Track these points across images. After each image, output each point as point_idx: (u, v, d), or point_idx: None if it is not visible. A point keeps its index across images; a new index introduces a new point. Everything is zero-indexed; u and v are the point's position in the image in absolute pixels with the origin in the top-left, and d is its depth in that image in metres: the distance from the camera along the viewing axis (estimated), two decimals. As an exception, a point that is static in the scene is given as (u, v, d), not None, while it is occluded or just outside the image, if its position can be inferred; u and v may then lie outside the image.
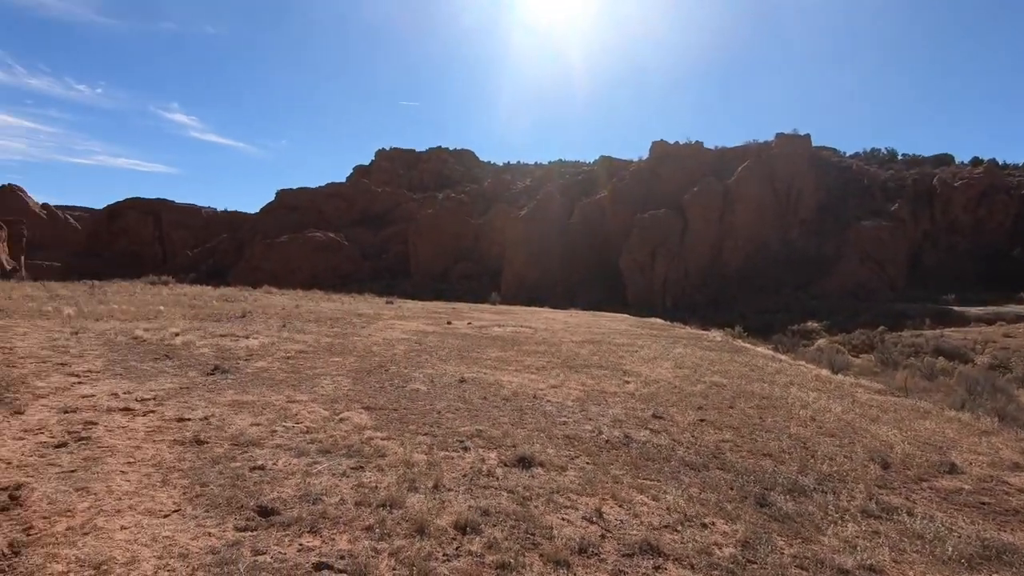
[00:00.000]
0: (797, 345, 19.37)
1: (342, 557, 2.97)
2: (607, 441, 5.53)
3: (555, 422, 6.14)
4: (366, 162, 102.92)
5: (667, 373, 9.88)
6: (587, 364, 10.37)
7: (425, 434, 5.31)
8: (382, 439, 5.04)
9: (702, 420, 6.73)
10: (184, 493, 3.64)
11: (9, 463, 3.97)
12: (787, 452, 5.72)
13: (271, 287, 35.56)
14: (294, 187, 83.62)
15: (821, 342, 28.17)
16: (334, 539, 3.16)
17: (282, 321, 15.06)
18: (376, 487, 3.89)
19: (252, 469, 4.11)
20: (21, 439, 4.50)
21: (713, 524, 3.88)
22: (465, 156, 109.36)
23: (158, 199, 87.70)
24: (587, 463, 4.85)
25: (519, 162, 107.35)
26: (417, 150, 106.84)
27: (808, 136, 60.95)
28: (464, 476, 4.27)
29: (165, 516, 3.30)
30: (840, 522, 4.13)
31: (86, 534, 3.02)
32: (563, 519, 3.69)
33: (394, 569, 2.92)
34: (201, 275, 56.30)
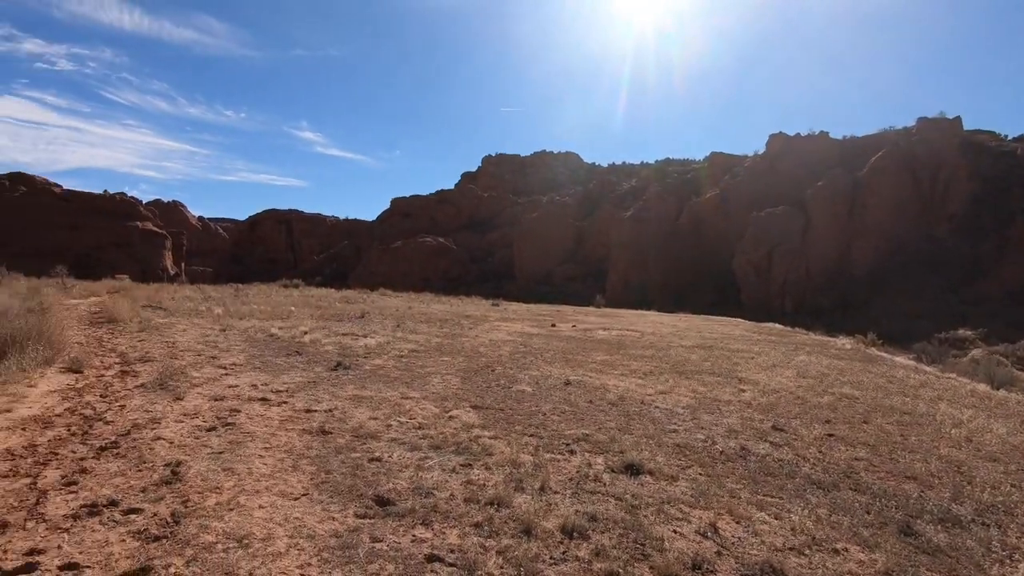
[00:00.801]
0: (945, 355, 17.06)
1: (452, 551, 3.05)
2: (721, 452, 5.22)
3: (664, 429, 5.90)
4: (473, 168, 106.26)
5: (788, 382, 9.15)
6: (698, 370, 9.88)
7: (531, 435, 5.33)
8: (489, 438, 5.13)
9: (830, 435, 6.14)
10: (311, 479, 3.94)
11: (171, 442, 4.54)
12: (936, 476, 5.05)
13: (386, 289, 37.82)
14: (407, 195, 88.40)
15: (976, 353, 24.65)
16: (444, 533, 3.26)
17: (396, 322, 15.91)
18: (484, 485, 3.97)
19: (370, 460, 4.36)
20: (180, 422, 5.13)
21: (846, 551, 3.51)
22: (570, 159, 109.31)
23: (290, 210, 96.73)
24: (700, 474, 4.60)
25: (624, 163, 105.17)
26: (522, 155, 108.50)
27: (958, 119, 53.67)
28: (570, 480, 4.23)
29: (295, 499, 3.59)
30: (1008, 561, 3.56)
31: (231, 510, 3.36)
32: (675, 531, 3.52)
33: (502, 568, 2.95)
34: (325, 278, 61.28)
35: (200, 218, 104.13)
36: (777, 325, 22.72)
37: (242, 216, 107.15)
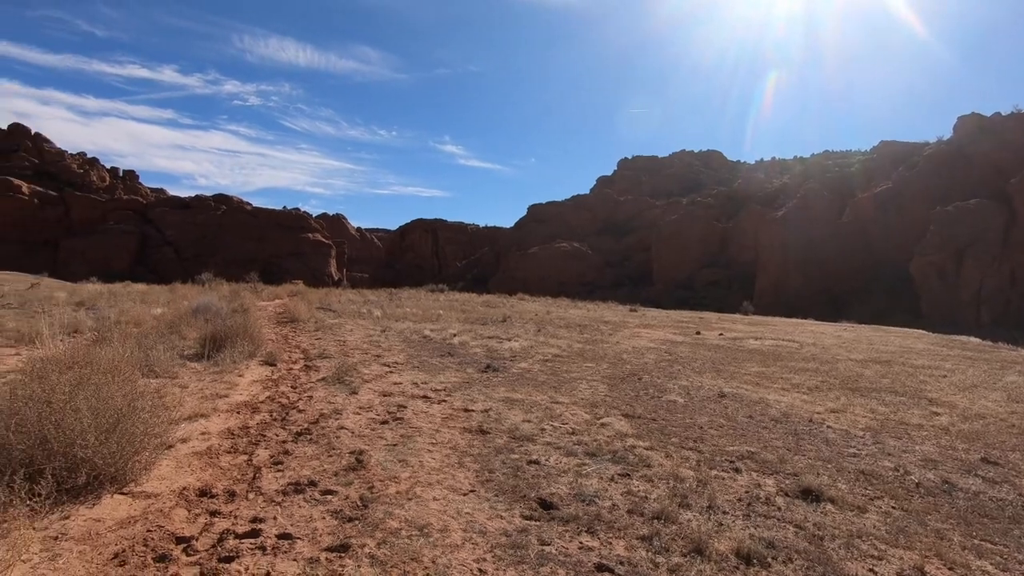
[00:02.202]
0: None
1: (621, 563, 2.99)
2: (918, 484, 4.55)
3: (842, 453, 5.30)
4: (609, 172, 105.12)
5: (996, 407, 7.75)
6: (875, 388, 8.76)
7: (689, 449, 5.09)
8: (645, 448, 4.99)
9: (1066, 474, 5.07)
10: (476, 476, 4.13)
11: (353, 432, 5.03)
12: None
13: (524, 294, 38.77)
14: (543, 201, 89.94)
15: None
16: (611, 543, 3.21)
17: (536, 326, 16.20)
18: (646, 497, 3.86)
19: (528, 463, 4.46)
20: (358, 414, 5.67)
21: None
22: (711, 157, 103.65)
23: (435, 219, 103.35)
24: (893, 507, 4.05)
25: (774, 158, 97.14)
26: (659, 156, 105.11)
27: None
28: (739, 500, 3.96)
29: (464, 494, 3.78)
30: None
31: (409, 499, 3.63)
32: (871, 571, 3.13)
33: (674, 586, 2.84)
34: (467, 283, 64.42)
35: (358, 229, 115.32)
36: (972, 339, 19.42)
37: (393, 226, 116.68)
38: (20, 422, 3.34)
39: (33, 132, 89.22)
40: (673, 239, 64.99)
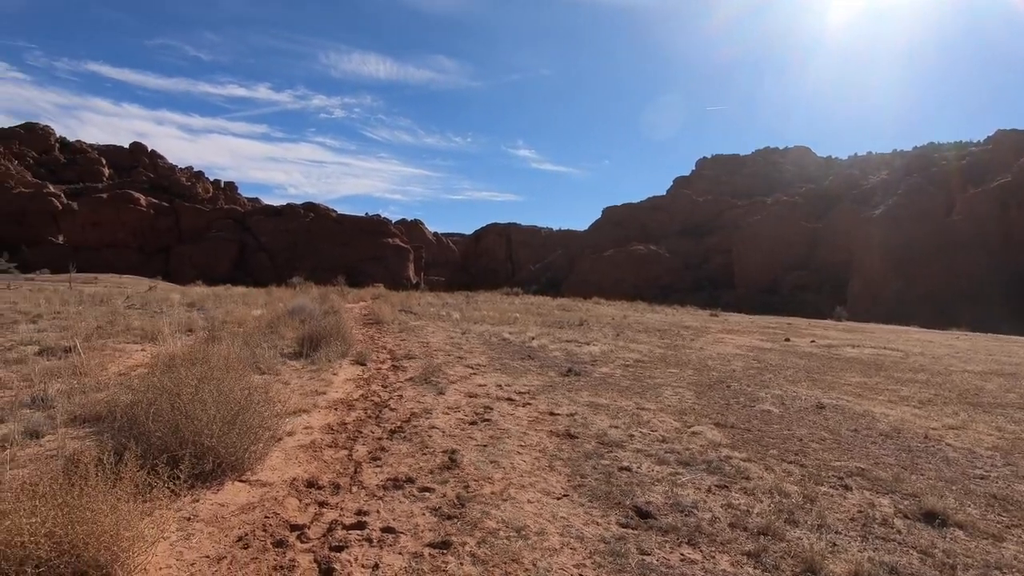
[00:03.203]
0: None
1: (727, 579, 2.87)
2: (1064, 513, 4.05)
3: (966, 474, 4.82)
4: (686, 172, 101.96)
5: None
6: (999, 403, 7.92)
7: (790, 462, 4.81)
8: (741, 460, 4.77)
9: None
10: (568, 480, 4.11)
11: (444, 432, 5.16)
12: None
13: (598, 298, 38.34)
14: (618, 203, 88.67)
15: None
16: (714, 557, 3.09)
17: (615, 330, 15.97)
18: (748, 511, 3.68)
19: (620, 469, 4.38)
20: (447, 414, 5.82)
21: None
22: (798, 154, 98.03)
23: (509, 223, 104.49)
24: (1036, 538, 3.63)
25: (870, 153, 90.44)
26: (741, 154, 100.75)
27: None
28: (852, 520, 3.69)
29: (558, 498, 3.77)
30: None
31: (504, 500, 3.67)
32: (1015, 607, 2.82)
33: (786, 607, 2.68)
34: (541, 287, 64.49)
35: (435, 233, 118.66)
36: (1116, 350, 17.10)
37: (468, 230, 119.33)
38: (157, 412, 3.68)
39: (149, 150, 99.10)
40: (757, 240, 62.03)
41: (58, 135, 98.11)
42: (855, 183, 70.06)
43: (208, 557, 2.86)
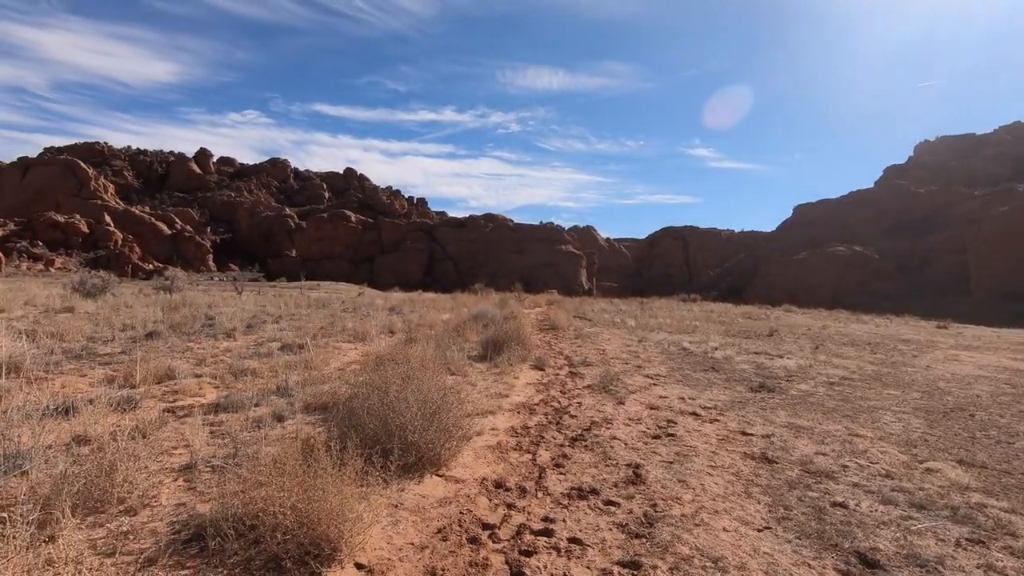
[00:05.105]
0: None
1: (994, 661, 2.30)
2: None
3: None
4: (900, 160, 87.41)
5: None
6: None
7: (1077, 521, 3.75)
8: (1002, 510, 3.85)
9: None
10: (769, 511, 3.69)
11: (626, 444, 5.02)
12: None
13: (789, 305, 34.62)
14: (812, 200, 79.35)
15: None
16: (973, 630, 2.51)
17: (812, 342, 14.25)
18: (1018, 578, 2.94)
19: (832, 505, 3.82)
20: (628, 425, 5.65)
21: None
22: (1063, 126, 78.13)
23: (686, 226, 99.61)
24: None
25: None
26: (976, 133, 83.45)
27: None
28: None
29: (759, 530, 3.40)
30: None
31: (696, 525, 3.42)
32: None
33: None
34: (721, 293, 60.36)
35: (607, 239, 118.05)
36: None
37: (641, 235, 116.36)
38: (370, 406, 4.14)
39: (358, 173, 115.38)
40: (1002, 237, 50.68)
41: (292, 166, 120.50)
42: None
43: (413, 544, 3.10)
